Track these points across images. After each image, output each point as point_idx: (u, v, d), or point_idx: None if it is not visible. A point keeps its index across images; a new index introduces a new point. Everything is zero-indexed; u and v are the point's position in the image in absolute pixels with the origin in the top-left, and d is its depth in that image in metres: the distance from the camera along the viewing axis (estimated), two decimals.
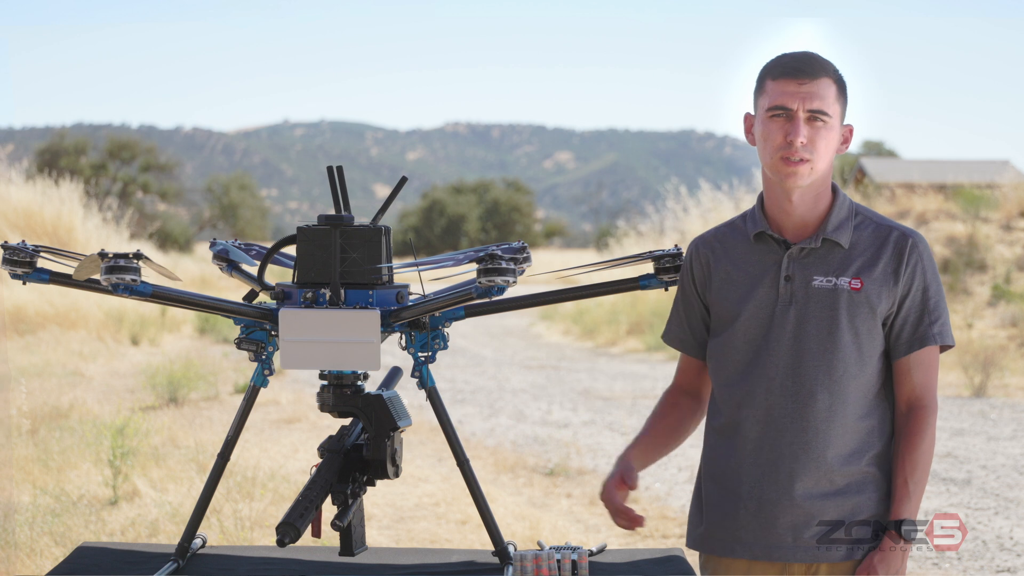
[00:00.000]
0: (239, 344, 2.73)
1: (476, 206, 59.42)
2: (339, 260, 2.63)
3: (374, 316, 2.58)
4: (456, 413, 10.50)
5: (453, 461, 3.08)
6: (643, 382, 13.13)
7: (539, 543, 2.84)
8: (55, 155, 41.82)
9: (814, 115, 2.49)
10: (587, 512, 7.05)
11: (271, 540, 5.38)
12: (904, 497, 2.50)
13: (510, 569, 2.63)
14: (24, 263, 2.70)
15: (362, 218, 2.71)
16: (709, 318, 2.66)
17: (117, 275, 2.46)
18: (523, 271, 2.83)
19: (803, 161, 2.50)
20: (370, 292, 2.63)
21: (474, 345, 17.71)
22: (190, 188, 54.59)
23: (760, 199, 2.63)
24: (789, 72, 2.51)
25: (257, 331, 2.73)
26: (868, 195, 22.44)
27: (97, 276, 2.51)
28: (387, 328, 2.65)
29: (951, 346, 2.57)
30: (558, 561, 2.64)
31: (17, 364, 12.00)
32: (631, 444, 2.67)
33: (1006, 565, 5.82)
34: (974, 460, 8.39)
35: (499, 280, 2.43)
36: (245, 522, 5.94)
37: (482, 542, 5.65)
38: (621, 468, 2.61)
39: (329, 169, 2.72)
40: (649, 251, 2.59)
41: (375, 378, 2.88)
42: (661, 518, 6.79)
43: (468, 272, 2.55)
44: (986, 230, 19.44)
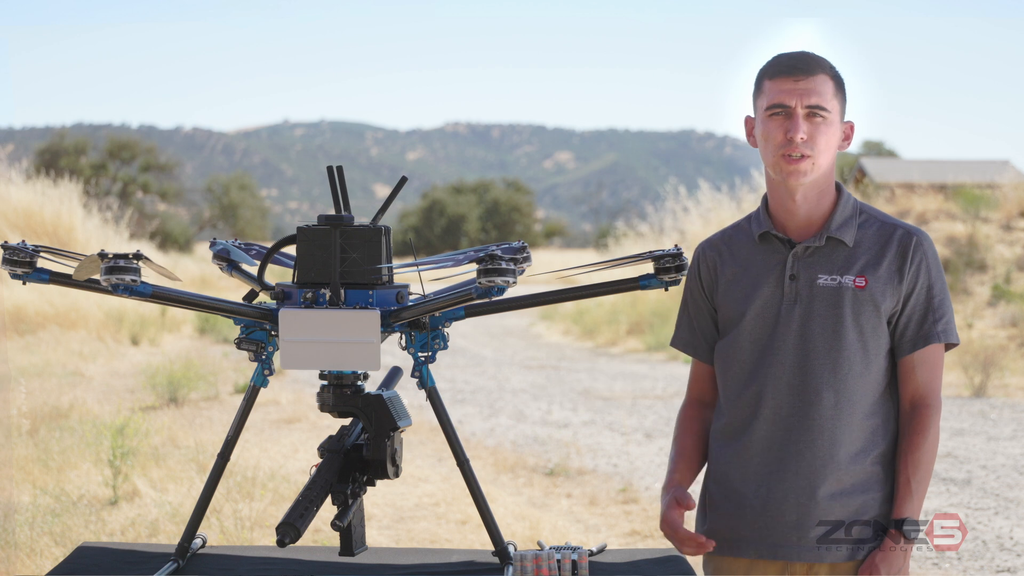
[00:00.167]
0: (239, 344, 2.73)
1: (476, 206, 59.41)
2: (339, 260, 2.62)
3: (374, 316, 2.57)
4: (456, 413, 10.50)
5: (453, 461, 3.08)
6: (643, 382, 13.13)
7: (539, 543, 2.84)
8: (55, 155, 41.81)
9: (813, 111, 2.50)
10: (587, 512, 7.05)
11: (271, 540, 5.38)
12: (907, 496, 2.50)
13: (510, 569, 2.63)
14: (24, 263, 2.70)
15: (362, 218, 2.71)
16: (717, 320, 2.67)
17: (117, 275, 2.46)
18: (523, 271, 2.83)
19: (804, 157, 2.50)
20: (370, 292, 2.63)
21: (474, 345, 17.71)
22: (190, 188, 54.59)
23: (764, 200, 2.64)
24: (785, 70, 2.51)
25: (257, 331, 2.72)
26: (868, 195, 22.43)
27: (97, 276, 2.51)
28: (387, 328, 2.64)
29: (956, 344, 2.57)
30: (558, 561, 2.64)
31: (17, 364, 12.00)
32: (670, 471, 2.67)
33: (1006, 565, 5.82)
34: (974, 460, 8.39)
35: (499, 280, 2.43)
36: (245, 522, 5.94)
37: (482, 542, 5.65)
38: (674, 493, 2.59)
39: (329, 169, 2.72)
40: (649, 251, 2.58)
41: (375, 378, 2.88)
42: None
43: (468, 272, 2.55)
44: (986, 230, 19.44)
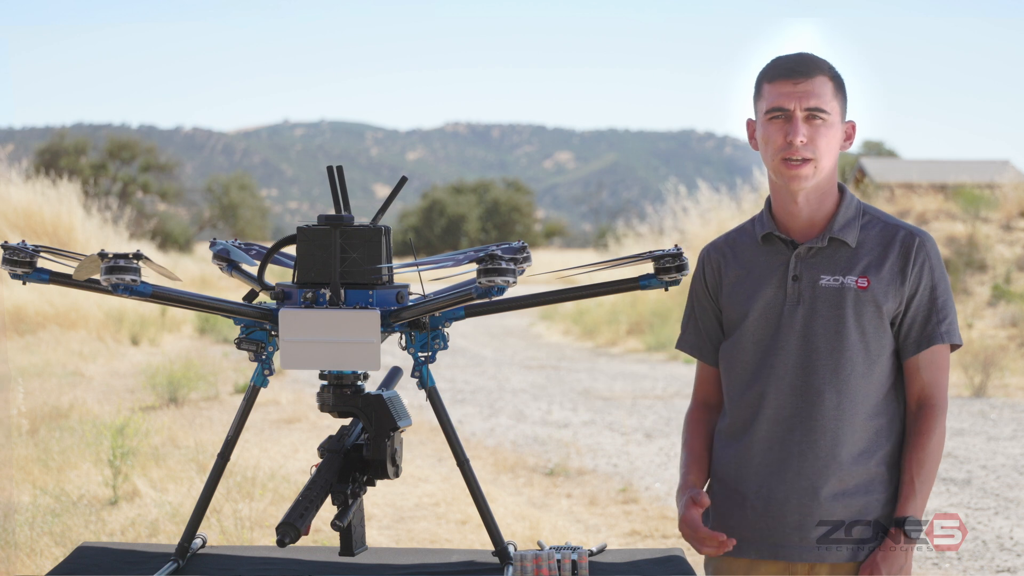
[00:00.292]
0: (239, 344, 2.73)
1: (476, 206, 59.40)
2: (339, 260, 2.62)
3: (374, 316, 2.57)
4: (456, 413, 10.50)
5: (453, 461, 3.08)
6: (643, 382, 13.13)
7: (539, 543, 2.84)
8: (55, 155, 41.79)
9: (812, 113, 2.50)
10: (587, 512, 7.05)
11: (271, 540, 5.38)
12: (910, 495, 2.50)
13: (510, 569, 2.63)
14: (24, 263, 2.70)
15: (362, 218, 2.71)
16: (723, 323, 2.67)
17: (117, 275, 2.45)
18: (523, 271, 2.83)
19: (805, 161, 2.50)
20: (370, 292, 2.63)
21: (474, 345, 17.71)
22: (190, 188, 54.57)
23: (768, 202, 2.64)
24: (784, 73, 2.51)
25: (257, 331, 2.72)
26: (868, 195, 22.43)
27: (97, 276, 2.51)
28: (387, 328, 2.64)
29: (959, 345, 2.57)
30: (558, 561, 2.64)
31: (17, 364, 12.00)
32: (684, 474, 2.66)
33: (1006, 565, 5.82)
34: (974, 460, 8.39)
35: (499, 280, 2.43)
36: (245, 522, 5.94)
37: (482, 542, 5.65)
38: (689, 494, 2.58)
39: (329, 169, 2.72)
40: (649, 251, 2.58)
41: (375, 378, 2.88)
42: (661, 518, 6.80)
43: (468, 272, 2.55)
44: (986, 230, 19.44)
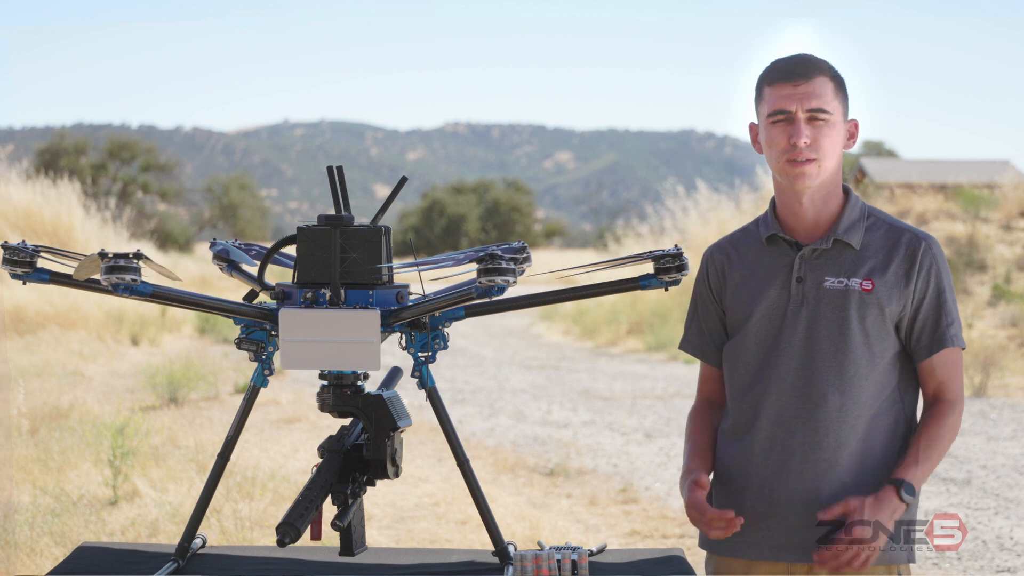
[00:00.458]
0: (239, 344, 2.73)
1: (476, 206, 59.40)
2: (339, 260, 2.62)
3: (374, 316, 2.57)
4: (456, 413, 10.50)
5: (453, 461, 3.08)
6: (643, 382, 13.12)
7: (539, 543, 2.84)
8: (55, 155, 41.78)
9: (814, 114, 2.50)
10: (587, 512, 7.05)
11: (271, 540, 5.38)
12: (913, 462, 2.47)
13: (510, 569, 2.63)
14: (24, 263, 2.69)
15: (362, 218, 2.71)
16: (726, 324, 2.67)
17: (117, 275, 2.45)
18: (523, 271, 2.83)
19: (809, 161, 2.50)
20: (370, 292, 2.63)
21: (474, 345, 17.71)
22: (190, 188, 54.56)
23: (772, 203, 2.65)
24: (784, 75, 2.52)
25: (257, 331, 2.72)
26: (868, 195, 22.42)
27: (97, 276, 2.51)
28: (387, 328, 2.64)
29: (963, 348, 2.58)
30: (558, 561, 2.64)
31: (17, 364, 12.00)
32: (686, 463, 2.65)
33: (1006, 565, 5.82)
34: (974, 460, 8.39)
35: (499, 280, 2.43)
36: (245, 522, 5.94)
37: (482, 542, 5.65)
38: (691, 478, 2.56)
39: (329, 169, 2.72)
40: (649, 251, 2.58)
41: (375, 378, 2.88)
42: (661, 518, 6.80)
43: (468, 272, 2.55)
44: (986, 230, 19.44)
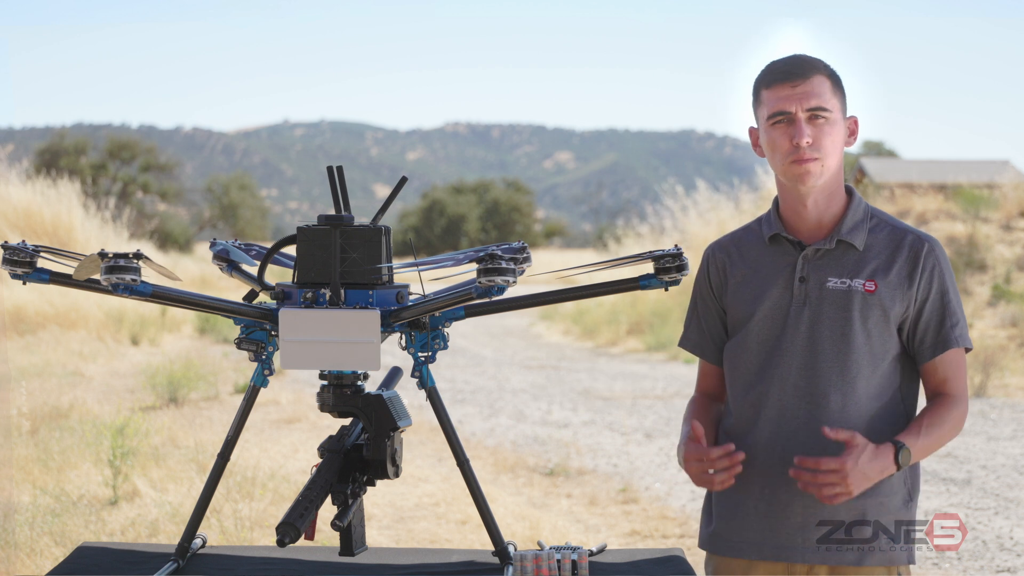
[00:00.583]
0: (239, 344, 2.73)
1: (476, 206, 59.41)
2: (339, 260, 2.62)
3: (374, 316, 2.57)
4: (456, 413, 10.50)
5: (453, 461, 3.08)
6: (643, 382, 13.12)
7: (539, 543, 2.84)
8: (55, 155, 41.79)
9: (814, 113, 2.50)
10: (587, 512, 7.05)
11: (271, 540, 5.38)
12: (916, 432, 2.45)
13: (510, 569, 2.63)
14: (24, 263, 2.69)
15: (362, 218, 2.71)
16: (726, 322, 2.67)
17: (117, 275, 2.45)
18: (523, 271, 2.83)
19: (813, 160, 2.50)
20: (370, 292, 2.63)
21: (474, 345, 17.71)
22: (190, 188, 54.58)
23: (775, 202, 2.65)
24: (780, 77, 2.51)
25: (257, 331, 2.72)
26: (868, 195, 22.42)
27: (97, 276, 2.51)
28: (387, 328, 2.64)
29: (969, 349, 2.57)
30: (558, 561, 2.64)
31: (17, 364, 12.00)
32: (683, 432, 2.62)
33: (1006, 565, 5.82)
34: (974, 460, 8.39)
35: (499, 280, 2.43)
36: (245, 522, 5.94)
37: (482, 542, 5.65)
38: (688, 431, 2.53)
39: (329, 169, 2.72)
40: (649, 251, 2.58)
41: (375, 378, 2.88)
42: (661, 518, 6.80)
43: (468, 272, 2.55)
44: (986, 230, 19.44)
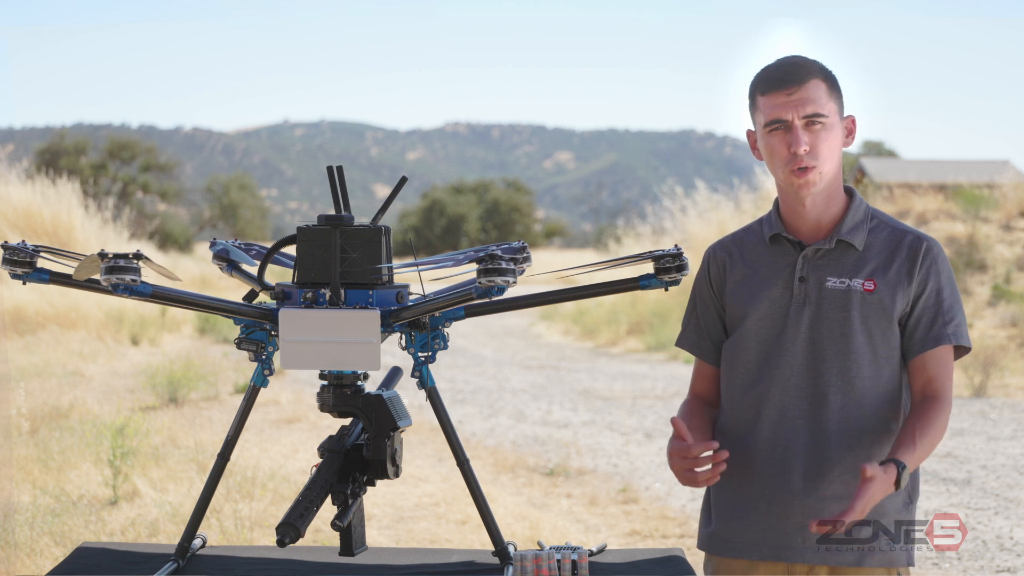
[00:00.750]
0: (239, 344, 2.73)
1: (476, 206, 59.42)
2: (339, 260, 2.62)
3: (374, 316, 2.57)
4: (456, 413, 10.50)
5: (453, 461, 3.08)
6: (643, 382, 13.12)
7: (539, 543, 2.84)
8: (55, 155, 41.80)
9: (811, 119, 2.50)
10: (587, 512, 7.05)
11: (271, 540, 5.38)
12: (909, 447, 2.41)
13: (510, 569, 2.63)
14: (24, 263, 2.69)
15: (362, 218, 2.70)
16: (725, 321, 2.67)
17: (117, 275, 2.45)
18: (523, 271, 2.82)
19: (811, 168, 2.50)
20: (370, 292, 2.63)
21: (474, 345, 17.71)
22: (190, 188, 54.60)
23: (776, 203, 2.65)
24: (776, 84, 2.51)
25: (257, 331, 2.72)
26: (868, 195, 22.42)
27: (97, 276, 2.51)
28: (387, 328, 2.64)
29: (968, 348, 2.56)
30: (558, 561, 2.63)
31: (17, 364, 12.00)
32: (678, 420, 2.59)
33: (1006, 565, 5.82)
34: (974, 460, 8.39)
35: (499, 280, 2.43)
36: (245, 522, 5.94)
37: (482, 542, 5.65)
38: (673, 430, 2.51)
39: (329, 169, 2.72)
40: (649, 251, 2.58)
41: (375, 378, 2.88)
42: (661, 518, 6.80)
43: (468, 272, 2.55)
44: (986, 230, 19.44)
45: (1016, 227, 19.70)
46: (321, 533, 5.79)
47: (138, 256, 2.48)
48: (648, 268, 2.61)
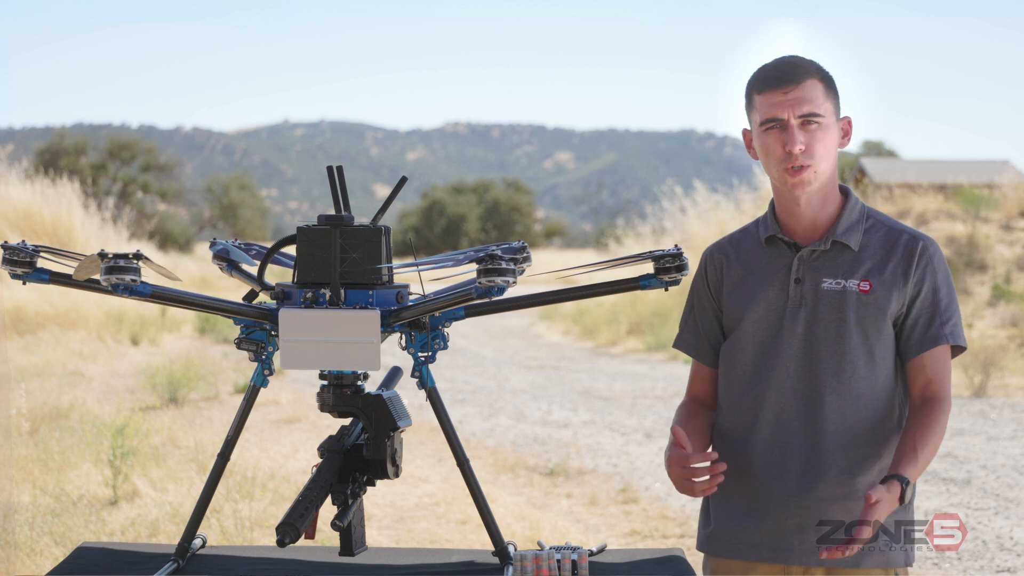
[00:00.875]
0: (239, 344, 2.72)
1: (476, 206, 59.43)
2: (339, 260, 2.62)
3: (374, 316, 2.57)
4: (456, 413, 10.50)
5: (453, 461, 3.08)
6: (643, 382, 13.12)
7: (539, 543, 2.83)
8: (55, 155, 41.81)
9: (807, 119, 2.49)
10: (587, 512, 7.05)
11: (271, 540, 5.38)
12: (911, 460, 2.41)
13: (510, 569, 2.63)
14: (24, 263, 2.69)
15: (362, 218, 2.70)
16: (722, 323, 2.67)
17: (117, 275, 2.45)
18: (523, 271, 2.82)
19: (805, 167, 2.50)
20: (370, 292, 2.63)
21: (474, 345, 17.71)
22: (190, 188, 54.60)
23: (772, 204, 2.65)
24: (772, 83, 2.51)
25: (257, 331, 2.72)
26: (868, 195, 22.42)
27: (97, 276, 2.51)
28: (387, 328, 2.64)
29: (963, 348, 2.55)
30: (558, 561, 2.63)
31: (17, 364, 12.00)
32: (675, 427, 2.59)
33: (1006, 565, 5.82)
34: (974, 460, 8.39)
35: (499, 280, 2.43)
36: (245, 522, 5.94)
37: (482, 542, 5.65)
38: (672, 437, 2.50)
39: (329, 169, 2.72)
40: (649, 251, 2.58)
41: (375, 378, 2.88)
42: (661, 518, 6.80)
43: (468, 272, 2.55)
44: (986, 230, 19.44)
45: (1016, 227, 19.70)
46: (321, 533, 5.79)
47: (138, 256, 2.48)
48: (648, 268, 2.60)
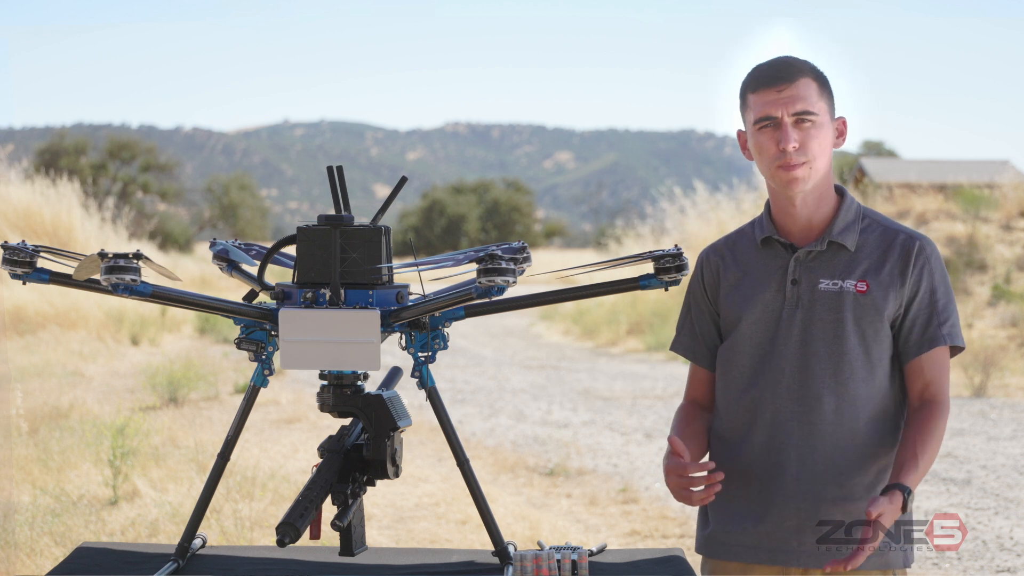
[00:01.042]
0: (239, 344, 2.72)
1: (476, 206, 59.44)
2: (339, 260, 2.62)
3: (374, 316, 2.57)
4: (456, 413, 10.50)
5: (453, 461, 3.08)
6: (643, 382, 13.13)
7: (539, 543, 2.83)
8: (55, 155, 41.82)
9: (801, 117, 2.49)
10: (587, 512, 7.05)
11: (271, 540, 5.38)
12: (912, 467, 2.40)
13: (510, 569, 2.63)
14: (24, 263, 2.69)
15: (362, 218, 2.70)
16: (720, 325, 2.66)
17: (117, 275, 2.45)
18: (523, 271, 2.82)
19: (800, 165, 2.50)
20: (370, 292, 2.63)
21: (474, 345, 17.71)
22: (190, 188, 54.63)
23: (767, 205, 2.64)
24: (766, 81, 2.51)
25: (257, 331, 2.72)
26: (868, 195, 22.43)
27: (97, 276, 2.51)
28: (387, 328, 2.64)
29: (962, 348, 2.55)
30: (558, 561, 2.63)
31: (17, 364, 12.00)
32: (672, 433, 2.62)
33: (1006, 565, 5.82)
34: (974, 460, 8.39)
35: (499, 280, 2.43)
36: (245, 522, 5.94)
37: (482, 542, 5.65)
38: (670, 446, 2.51)
39: (329, 169, 2.72)
40: (649, 251, 2.57)
41: (375, 378, 2.88)
42: (661, 518, 6.80)
43: (468, 272, 2.55)
44: (986, 230, 19.44)
45: (1016, 227, 19.70)
46: (321, 533, 5.79)
47: (138, 256, 2.48)
48: (648, 268, 2.60)
